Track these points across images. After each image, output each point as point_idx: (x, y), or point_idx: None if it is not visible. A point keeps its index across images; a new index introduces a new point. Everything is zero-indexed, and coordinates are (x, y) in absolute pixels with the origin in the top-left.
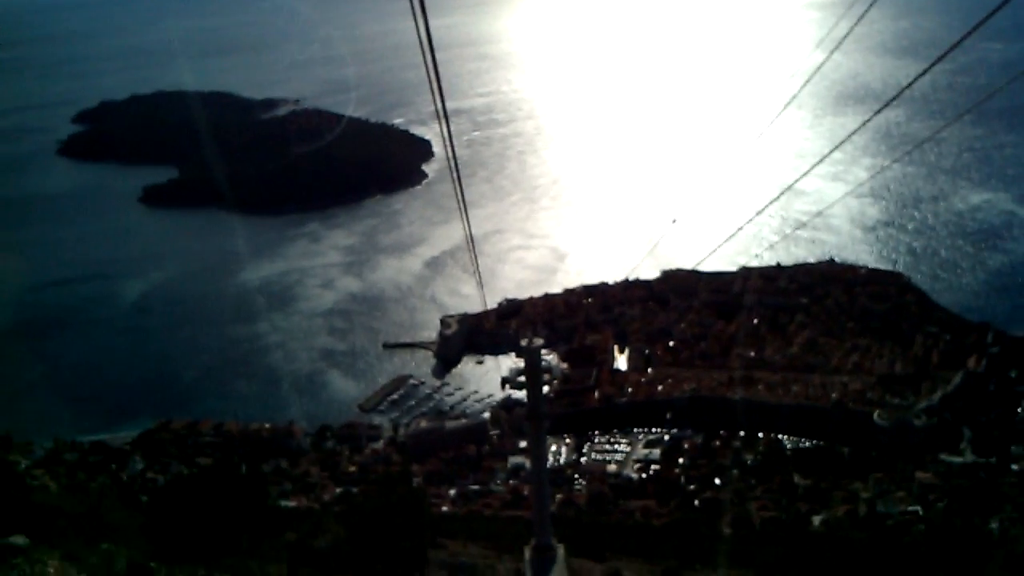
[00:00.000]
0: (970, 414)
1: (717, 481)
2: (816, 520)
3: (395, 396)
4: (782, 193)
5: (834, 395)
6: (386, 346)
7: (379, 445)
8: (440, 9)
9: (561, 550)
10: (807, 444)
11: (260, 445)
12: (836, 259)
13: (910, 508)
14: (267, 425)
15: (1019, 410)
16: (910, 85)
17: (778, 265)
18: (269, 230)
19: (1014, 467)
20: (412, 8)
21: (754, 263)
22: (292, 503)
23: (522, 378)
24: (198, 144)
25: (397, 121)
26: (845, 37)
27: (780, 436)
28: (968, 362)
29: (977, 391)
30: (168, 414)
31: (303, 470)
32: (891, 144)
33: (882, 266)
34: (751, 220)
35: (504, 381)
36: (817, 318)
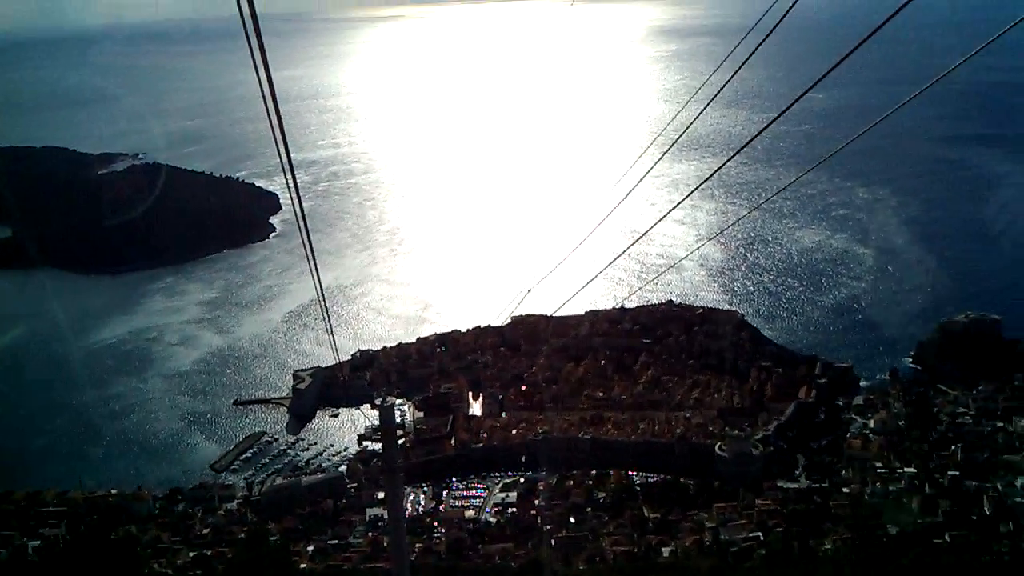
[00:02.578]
0: (803, 442)
1: (572, 519)
2: (665, 551)
3: (248, 454)
4: (640, 237)
5: (678, 430)
6: (238, 403)
7: (233, 505)
8: (283, 61)
9: None
10: (655, 478)
11: (107, 512)
12: (675, 300)
13: (751, 534)
14: (113, 491)
15: (848, 435)
16: (761, 133)
17: (622, 307)
18: (117, 288)
19: (845, 490)
20: (254, 60)
21: (599, 306)
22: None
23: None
24: (33, 202)
25: (242, 174)
26: (697, 92)
27: (630, 472)
28: (799, 393)
29: (808, 420)
30: (9, 485)
31: (153, 535)
32: (733, 190)
33: (718, 305)
34: (609, 265)
35: (360, 439)
36: (660, 357)
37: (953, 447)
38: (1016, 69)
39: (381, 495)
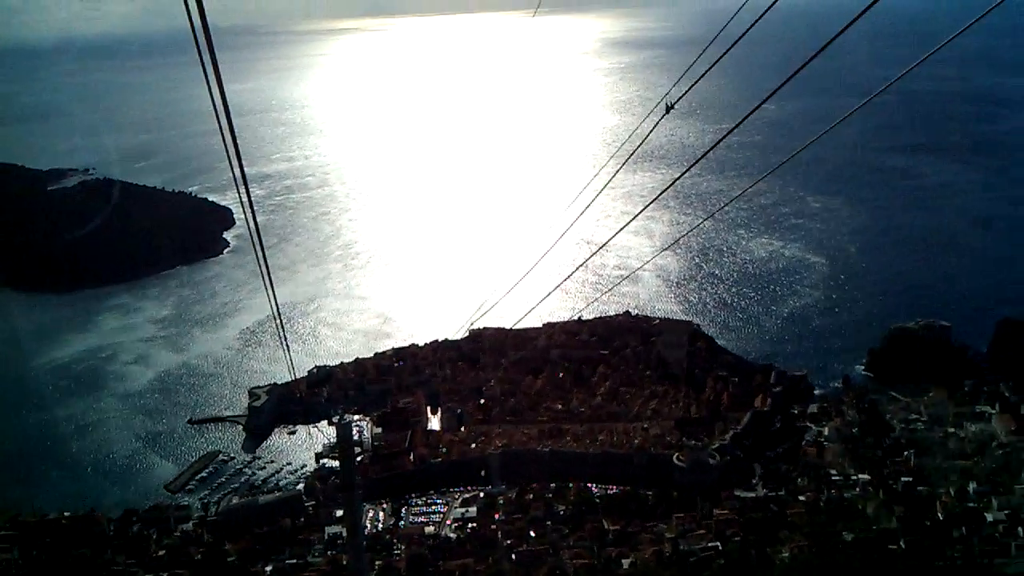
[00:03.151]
0: (759, 450)
1: (532, 533)
2: (626, 563)
3: (204, 474)
4: (599, 249)
5: (636, 441)
6: (192, 422)
7: (189, 526)
8: (237, 74)
9: None
10: (614, 490)
11: (60, 535)
12: (632, 311)
13: (710, 544)
14: (66, 514)
15: (803, 443)
16: (718, 143)
17: (579, 319)
18: (70, 306)
19: (801, 498)
20: (205, 73)
21: (557, 318)
22: None
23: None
24: None
25: (194, 189)
26: (657, 106)
27: (589, 484)
28: (755, 402)
29: (764, 428)
30: None
31: (108, 558)
32: (688, 201)
33: (674, 315)
34: (569, 277)
35: (318, 457)
36: (617, 368)
37: (906, 453)
38: (953, 79)
39: (340, 513)
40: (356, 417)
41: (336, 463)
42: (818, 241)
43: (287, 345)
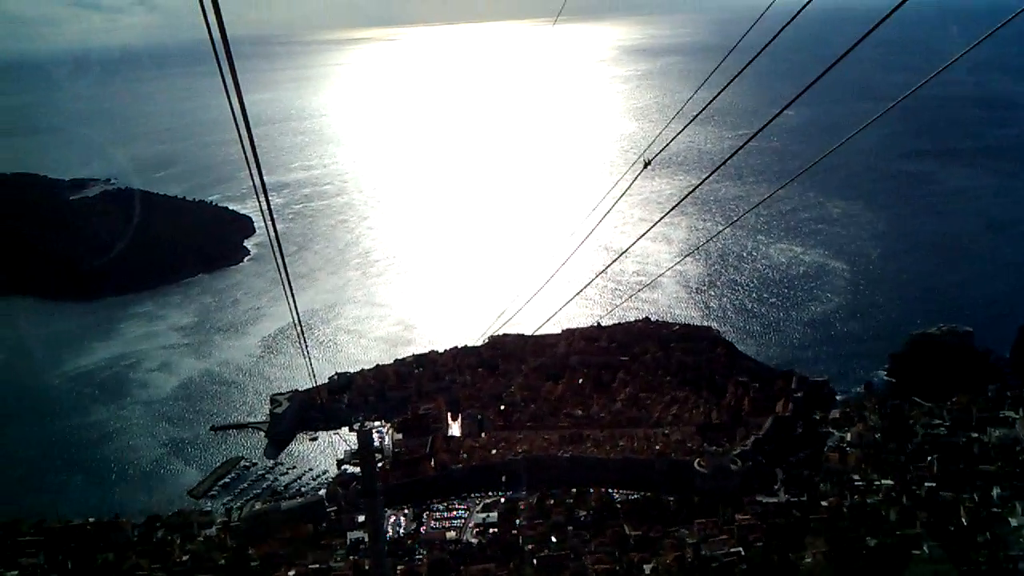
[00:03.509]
0: (781, 456)
1: (553, 539)
2: (647, 568)
3: (227, 480)
4: (619, 256)
5: (657, 447)
6: (215, 428)
7: (212, 531)
8: (254, 84)
9: None
10: (635, 495)
11: (85, 541)
12: (651, 317)
13: (732, 549)
14: (91, 520)
15: (826, 449)
16: (739, 150)
17: (598, 325)
18: (93, 314)
19: (824, 503)
20: (224, 83)
21: (576, 324)
22: None
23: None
24: (4, 229)
25: (215, 198)
26: (677, 114)
27: (610, 490)
28: (776, 407)
29: (786, 434)
30: None
31: (132, 563)
32: (706, 207)
33: (694, 322)
34: (589, 284)
35: (340, 462)
36: (637, 374)
37: (929, 458)
38: (965, 83)
39: (362, 518)
40: (377, 423)
41: (357, 469)
42: (838, 246)
43: (308, 352)
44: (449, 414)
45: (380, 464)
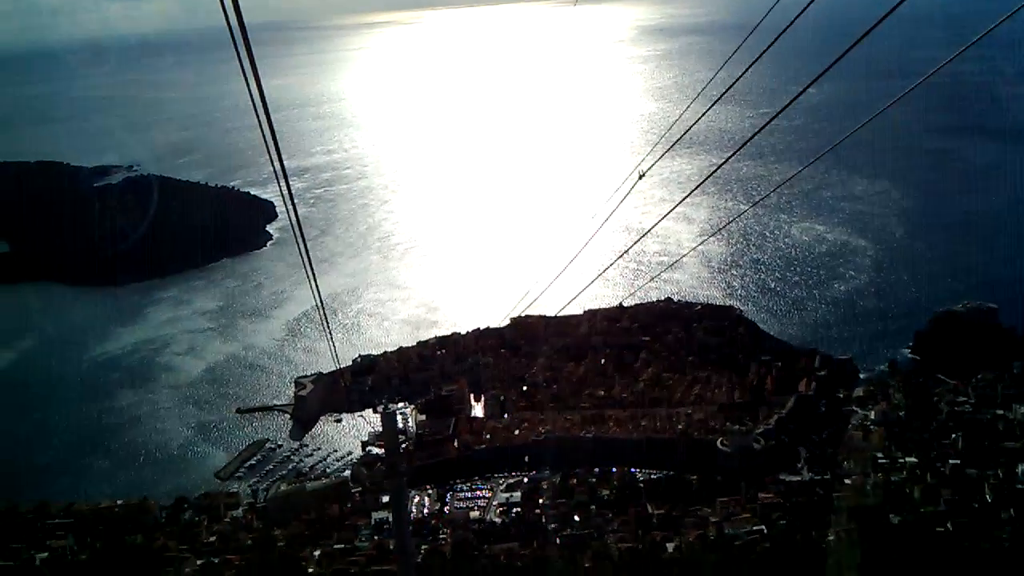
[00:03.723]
0: (804, 434)
1: (576, 518)
2: (670, 547)
3: (253, 461)
4: (641, 238)
5: (680, 426)
6: (240, 411)
7: (239, 513)
8: (274, 70)
9: None
10: (658, 475)
11: (113, 522)
12: (673, 297)
13: (755, 528)
14: (119, 502)
15: (849, 427)
16: (762, 128)
17: (620, 305)
18: (119, 299)
19: (847, 482)
20: (243, 69)
21: (598, 305)
22: None
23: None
24: (30, 216)
25: (237, 183)
26: (702, 91)
27: (632, 469)
28: (799, 386)
29: (809, 412)
30: (15, 498)
31: (160, 544)
32: (727, 186)
33: (716, 301)
34: (611, 266)
35: (364, 444)
36: (659, 355)
37: (954, 436)
38: (993, 59)
39: (386, 499)
40: (400, 405)
41: (381, 450)
42: (862, 224)
43: (331, 335)
44: (472, 395)
45: (404, 445)
